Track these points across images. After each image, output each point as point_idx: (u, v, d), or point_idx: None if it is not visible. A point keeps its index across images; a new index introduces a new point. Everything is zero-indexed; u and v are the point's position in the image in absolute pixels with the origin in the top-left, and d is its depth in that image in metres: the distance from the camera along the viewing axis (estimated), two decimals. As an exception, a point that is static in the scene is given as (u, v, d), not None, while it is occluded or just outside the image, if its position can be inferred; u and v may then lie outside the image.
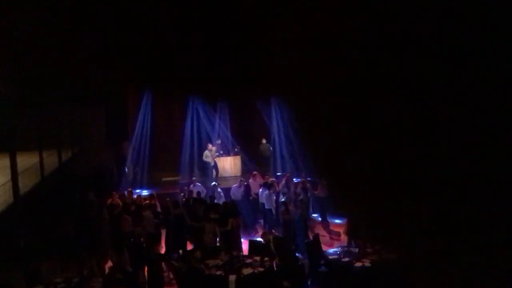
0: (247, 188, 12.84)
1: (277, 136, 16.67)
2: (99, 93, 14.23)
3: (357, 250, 8.56)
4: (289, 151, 15.93)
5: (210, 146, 15.70)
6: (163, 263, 8.59)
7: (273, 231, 10.54)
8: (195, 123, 16.76)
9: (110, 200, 11.64)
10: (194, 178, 13.92)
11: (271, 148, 16.55)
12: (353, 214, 10.12)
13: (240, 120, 17.18)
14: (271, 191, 11.99)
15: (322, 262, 8.60)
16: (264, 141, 16.54)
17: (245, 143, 16.76)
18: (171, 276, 8.96)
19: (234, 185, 13.15)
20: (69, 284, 7.72)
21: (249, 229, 12.46)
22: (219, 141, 16.40)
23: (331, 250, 9.10)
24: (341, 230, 11.93)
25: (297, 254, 9.54)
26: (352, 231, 9.60)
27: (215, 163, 15.58)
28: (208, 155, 15.47)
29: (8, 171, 9.27)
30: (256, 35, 14.18)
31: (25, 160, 10.32)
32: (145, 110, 16.27)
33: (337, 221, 12.44)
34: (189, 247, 10.22)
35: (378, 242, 8.50)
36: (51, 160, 11.77)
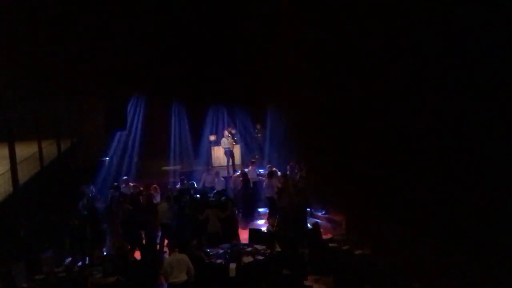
0: (246, 176, 12.81)
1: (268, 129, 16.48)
2: (97, 83, 14.16)
3: (356, 237, 8.59)
4: (280, 145, 15.75)
5: (226, 132, 15.40)
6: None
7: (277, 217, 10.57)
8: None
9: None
10: (210, 167, 13.75)
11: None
12: (349, 208, 10.10)
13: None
14: (271, 179, 11.96)
15: (322, 250, 8.63)
16: (258, 126, 16.38)
17: (243, 133, 16.68)
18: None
19: (235, 174, 13.11)
20: (70, 273, 7.75)
21: (249, 217, 12.48)
22: (234, 130, 15.94)
23: (331, 238, 9.14)
24: (340, 219, 11.97)
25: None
26: (350, 223, 9.63)
27: (230, 150, 15.23)
28: (226, 141, 15.21)
29: (7, 161, 9.25)
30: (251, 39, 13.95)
31: (24, 150, 10.30)
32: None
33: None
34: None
35: (375, 234, 8.49)
36: (50, 150, 11.75)
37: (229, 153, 15.07)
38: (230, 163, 15.09)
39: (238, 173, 13.05)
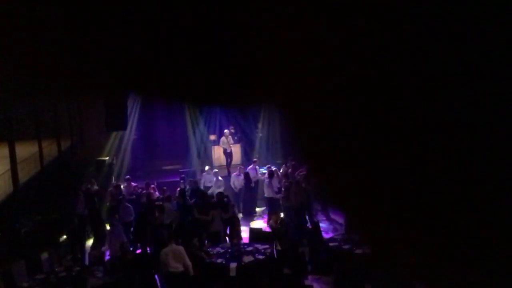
0: (247, 176, 12.82)
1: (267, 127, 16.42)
2: (97, 82, 14.09)
3: (357, 237, 8.57)
4: (279, 142, 15.71)
5: (227, 132, 15.42)
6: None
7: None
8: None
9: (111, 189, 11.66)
10: (207, 168, 13.77)
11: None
12: (349, 208, 10.07)
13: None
14: (272, 180, 11.95)
15: (322, 249, 8.63)
16: (260, 126, 16.38)
17: (243, 133, 16.66)
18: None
19: (234, 173, 13.12)
20: (70, 273, 7.75)
21: (249, 217, 12.49)
22: (233, 130, 15.92)
23: (331, 237, 9.14)
24: (341, 218, 11.97)
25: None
26: (350, 223, 9.61)
27: (230, 150, 15.24)
28: (225, 141, 15.22)
29: (7, 161, 9.25)
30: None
31: (24, 150, 10.30)
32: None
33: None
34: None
35: (376, 234, 8.47)
36: (50, 150, 11.75)
37: (226, 153, 15.10)
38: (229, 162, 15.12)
39: (236, 173, 13.02)
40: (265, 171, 12.89)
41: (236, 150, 15.97)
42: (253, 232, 9.78)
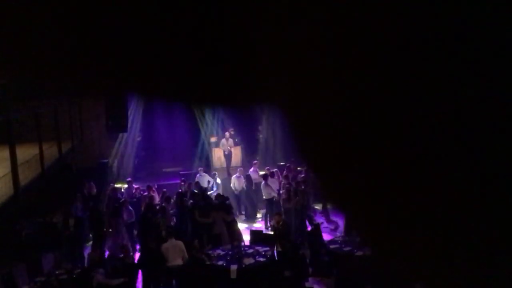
0: (249, 178, 12.81)
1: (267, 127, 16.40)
2: (98, 84, 14.09)
3: (358, 239, 8.57)
4: (280, 142, 15.70)
5: (227, 134, 15.41)
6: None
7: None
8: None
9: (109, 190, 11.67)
10: (200, 168, 13.77)
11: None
12: (349, 209, 10.10)
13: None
14: (267, 180, 11.92)
15: (323, 251, 8.63)
16: (260, 127, 16.41)
17: (244, 134, 16.65)
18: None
19: (234, 175, 13.10)
20: (71, 275, 7.74)
21: (251, 220, 12.49)
22: (233, 131, 15.90)
23: (332, 239, 9.13)
24: (341, 220, 11.97)
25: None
26: (350, 224, 9.62)
27: (230, 152, 15.24)
28: (225, 143, 15.23)
29: (8, 163, 9.24)
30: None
31: (25, 152, 10.29)
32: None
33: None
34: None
35: (377, 235, 8.50)
36: (51, 152, 11.75)
37: (225, 155, 15.11)
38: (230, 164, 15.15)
39: (236, 174, 13.03)
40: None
41: (237, 152, 15.97)
42: (254, 234, 9.78)
